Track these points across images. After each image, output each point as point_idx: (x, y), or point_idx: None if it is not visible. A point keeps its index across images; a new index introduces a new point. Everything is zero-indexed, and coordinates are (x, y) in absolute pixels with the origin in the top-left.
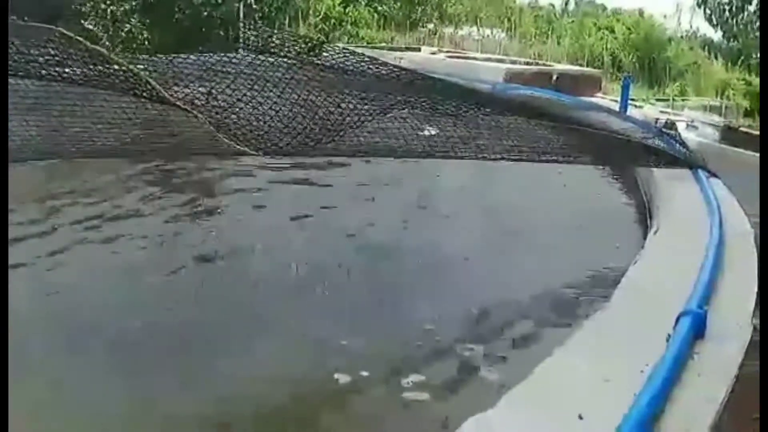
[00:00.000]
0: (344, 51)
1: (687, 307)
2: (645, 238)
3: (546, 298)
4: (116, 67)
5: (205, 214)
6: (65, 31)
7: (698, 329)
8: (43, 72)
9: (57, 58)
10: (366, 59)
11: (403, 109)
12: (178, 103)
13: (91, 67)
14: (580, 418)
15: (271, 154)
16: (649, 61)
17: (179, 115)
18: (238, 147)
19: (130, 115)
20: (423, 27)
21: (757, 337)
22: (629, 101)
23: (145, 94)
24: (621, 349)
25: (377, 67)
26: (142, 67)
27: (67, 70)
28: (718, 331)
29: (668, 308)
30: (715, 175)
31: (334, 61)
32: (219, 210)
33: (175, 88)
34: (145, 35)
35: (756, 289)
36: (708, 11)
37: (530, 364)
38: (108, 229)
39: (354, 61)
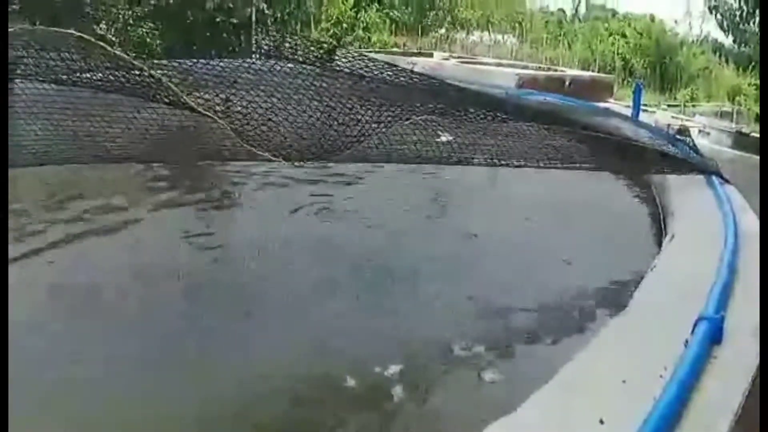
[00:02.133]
0: (362, 57)
1: (704, 312)
2: (660, 245)
3: None
4: (137, 72)
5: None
6: (87, 36)
7: (715, 334)
8: (64, 77)
9: (78, 63)
10: (383, 65)
11: (421, 115)
12: (200, 109)
13: (113, 72)
14: (601, 422)
15: (290, 160)
16: (661, 66)
17: (199, 121)
18: (258, 152)
19: (150, 121)
20: (434, 32)
21: None
22: (641, 107)
23: (166, 99)
24: (640, 353)
25: (395, 73)
26: (160, 72)
27: (86, 74)
28: (735, 335)
29: (686, 313)
30: (728, 181)
31: (351, 67)
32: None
33: (195, 94)
34: (157, 40)
35: None
36: (719, 17)
37: None
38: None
39: (372, 66)
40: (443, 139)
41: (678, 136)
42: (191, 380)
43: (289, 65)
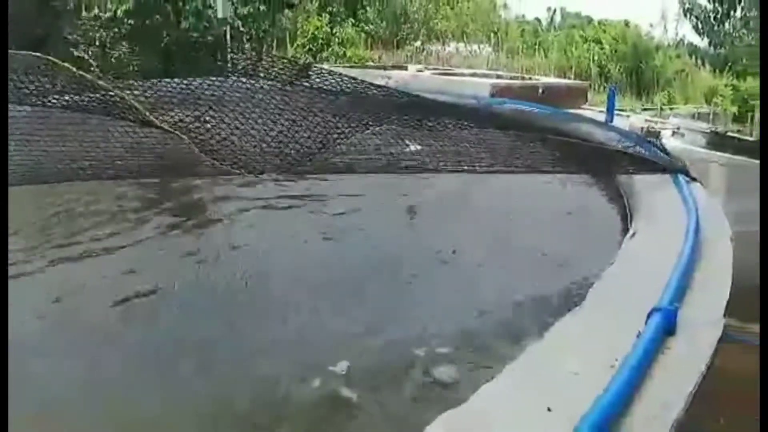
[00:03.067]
0: (328, 72)
1: (659, 304)
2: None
3: None
4: (103, 92)
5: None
6: (53, 59)
7: (669, 325)
8: (33, 99)
9: (47, 85)
10: (348, 79)
11: (382, 125)
12: (163, 125)
13: (80, 92)
14: (549, 410)
15: (255, 173)
16: (637, 70)
17: (166, 138)
18: (223, 167)
19: (118, 138)
20: (410, 45)
21: (729, 332)
22: (616, 111)
23: (131, 117)
24: (593, 345)
25: (358, 87)
26: (138, 92)
27: (55, 96)
28: (690, 327)
29: (641, 306)
30: (695, 179)
31: (317, 83)
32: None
33: (169, 113)
34: (135, 61)
35: (729, 287)
36: (694, 19)
37: None
38: None
39: (337, 81)
40: (412, 148)
41: (647, 138)
42: None
43: (255, 83)
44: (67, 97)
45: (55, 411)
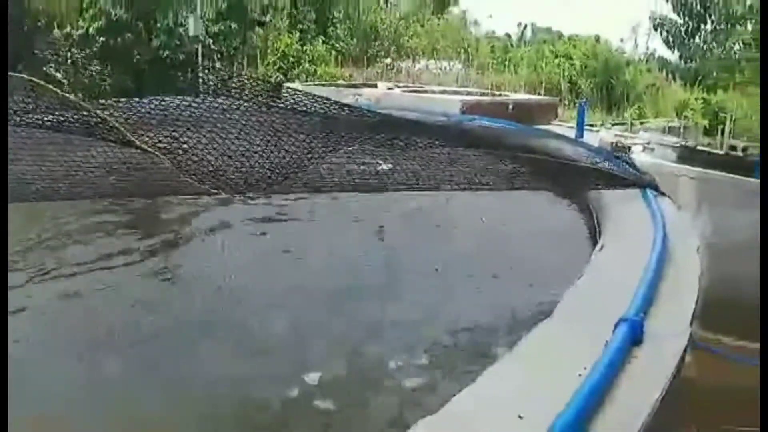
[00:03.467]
0: (302, 93)
1: (626, 315)
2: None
3: None
4: (85, 113)
5: None
6: (35, 79)
7: (636, 335)
8: (15, 119)
9: (30, 106)
10: (321, 99)
11: (354, 145)
12: (143, 146)
13: (61, 113)
14: (520, 417)
15: (231, 193)
16: (607, 85)
17: (145, 158)
18: (201, 187)
19: (98, 159)
20: (380, 62)
21: (697, 341)
22: (586, 126)
23: (111, 138)
24: (561, 355)
25: (332, 107)
26: (115, 112)
27: (36, 116)
28: (656, 337)
29: (609, 318)
30: (663, 194)
31: (291, 103)
32: None
33: (148, 133)
34: (106, 80)
35: (695, 298)
36: (665, 33)
37: None
38: None
39: (309, 101)
40: (383, 167)
41: (615, 153)
42: None
43: (230, 102)
44: (48, 118)
45: None
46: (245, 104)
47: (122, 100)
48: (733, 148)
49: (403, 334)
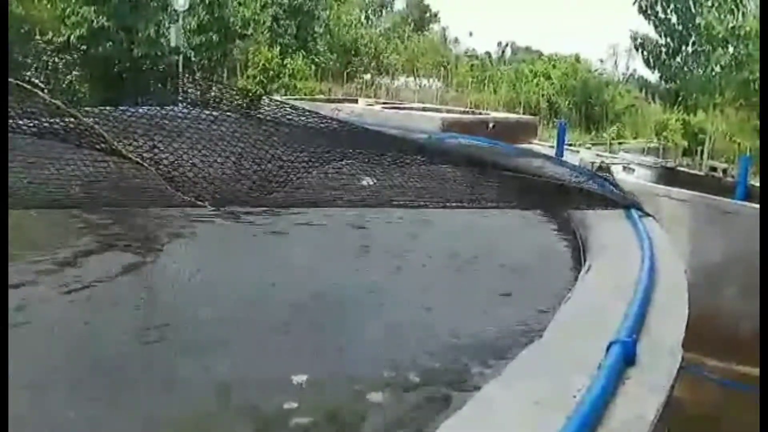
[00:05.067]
0: (283, 104)
1: (617, 336)
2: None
3: None
4: (71, 119)
5: None
6: (22, 83)
7: (628, 356)
8: None
9: (17, 110)
10: (304, 112)
11: (341, 160)
12: (130, 155)
13: (47, 119)
14: None
15: (216, 206)
16: (587, 105)
17: (130, 168)
18: (186, 198)
19: (81, 167)
20: (360, 78)
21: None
22: (566, 146)
23: (98, 146)
24: (554, 377)
25: (315, 120)
26: (98, 120)
27: (21, 122)
28: (648, 357)
29: (600, 340)
30: (648, 214)
31: (274, 115)
32: None
33: (134, 143)
34: (86, 87)
35: (685, 318)
36: (645, 53)
37: None
38: None
39: (293, 114)
40: (365, 183)
41: (598, 173)
42: None
43: (214, 113)
44: (32, 123)
45: None
46: (228, 115)
47: (106, 108)
48: (713, 169)
49: None
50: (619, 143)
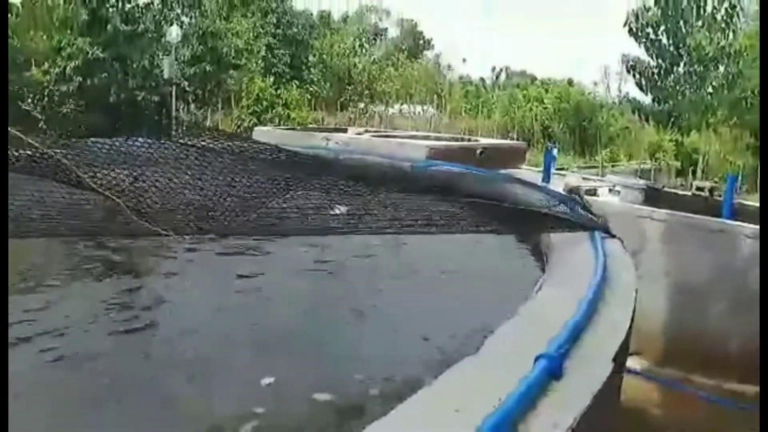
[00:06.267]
0: (250, 140)
1: (548, 350)
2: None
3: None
4: (32, 151)
5: None
6: None
7: (555, 370)
8: None
9: None
10: (268, 148)
11: (310, 189)
12: (94, 187)
13: (11, 151)
14: None
15: (183, 234)
16: (580, 128)
17: (100, 199)
18: (154, 229)
19: (47, 199)
20: (353, 106)
21: (614, 376)
22: (556, 170)
23: (63, 178)
24: (480, 388)
25: (278, 154)
26: (74, 152)
27: None
28: (577, 372)
29: (534, 354)
30: (614, 236)
31: (241, 149)
32: None
33: (102, 170)
34: (82, 118)
35: (623, 336)
36: (638, 76)
37: None
38: None
39: (258, 149)
40: (338, 211)
41: (567, 196)
42: None
43: (187, 144)
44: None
45: None
46: (202, 145)
47: (91, 139)
48: (699, 189)
49: None
50: (613, 166)
